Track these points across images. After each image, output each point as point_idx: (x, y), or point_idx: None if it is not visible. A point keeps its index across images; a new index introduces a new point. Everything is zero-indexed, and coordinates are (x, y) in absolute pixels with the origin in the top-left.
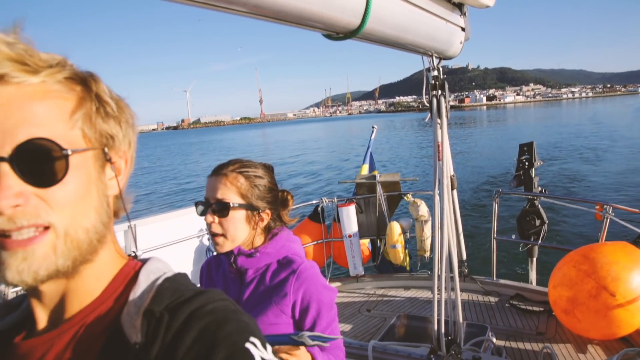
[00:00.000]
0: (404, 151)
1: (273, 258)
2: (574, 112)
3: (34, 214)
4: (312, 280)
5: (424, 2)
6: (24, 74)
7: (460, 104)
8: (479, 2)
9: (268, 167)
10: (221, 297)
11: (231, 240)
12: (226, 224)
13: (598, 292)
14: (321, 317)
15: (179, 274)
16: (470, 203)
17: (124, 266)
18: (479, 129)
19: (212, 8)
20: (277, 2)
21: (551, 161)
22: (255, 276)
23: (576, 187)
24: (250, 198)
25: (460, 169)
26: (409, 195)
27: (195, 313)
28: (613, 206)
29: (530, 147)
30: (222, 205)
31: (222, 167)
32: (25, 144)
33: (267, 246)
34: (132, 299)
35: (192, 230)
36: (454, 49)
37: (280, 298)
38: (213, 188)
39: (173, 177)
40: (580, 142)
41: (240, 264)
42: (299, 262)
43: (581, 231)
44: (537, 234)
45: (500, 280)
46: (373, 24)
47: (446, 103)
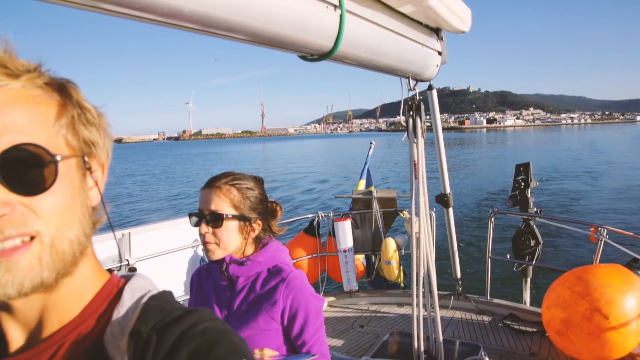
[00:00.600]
0: (402, 168)
1: (263, 267)
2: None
3: (22, 223)
4: (301, 288)
5: (399, 27)
6: (5, 77)
7: (460, 126)
8: (454, 27)
9: (258, 179)
10: (211, 316)
11: (223, 248)
12: (219, 233)
13: (592, 314)
14: (308, 324)
15: (165, 291)
16: (466, 222)
17: (107, 282)
18: (478, 149)
19: (187, 30)
20: (251, 26)
21: (548, 181)
22: (246, 284)
23: (572, 208)
24: (242, 209)
25: (458, 187)
26: (405, 211)
27: (185, 334)
28: (608, 229)
29: (527, 167)
30: (215, 217)
31: (215, 179)
32: (11, 150)
33: (258, 255)
34: (115, 318)
35: (187, 240)
36: (430, 71)
37: (271, 305)
38: (207, 200)
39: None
40: (577, 165)
41: (232, 272)
42: (289, 270)
43: (575, 253)
44: (531, 254)
45: (494, 300)
46: (346, 47)
47: (422, 123)
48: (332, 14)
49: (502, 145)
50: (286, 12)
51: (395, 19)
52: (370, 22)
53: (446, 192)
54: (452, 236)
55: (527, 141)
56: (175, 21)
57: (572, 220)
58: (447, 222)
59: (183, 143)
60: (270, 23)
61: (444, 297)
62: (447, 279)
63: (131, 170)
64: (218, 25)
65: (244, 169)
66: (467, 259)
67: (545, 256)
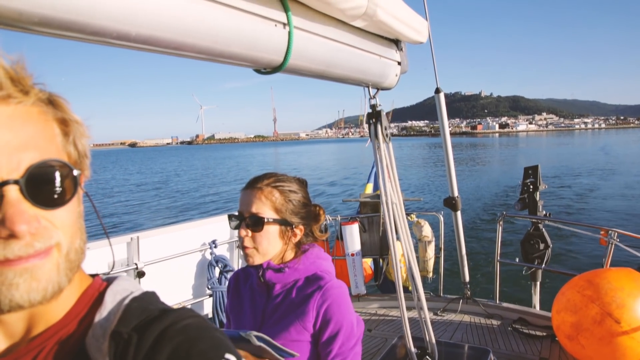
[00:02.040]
0: (411, 172)
1: (302, 274)
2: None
3: (47, 236)
4: (337, 299)
5: (353, 40)
6: (20, 94)
7: (472, 131)
8: (411, 39)
9: (302, 181)
10: (192, 313)
11: (262, 254)
12: (259, 238)
13: (602, 318)
14: (339, 337)
15: (147, 292)
16: (475, 224)
17: (88, 287)
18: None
19: (138, 49)
20: (198, 45)
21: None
22: (282, 291)
23: (582, 210)
24: (284, 213)
25: (467, 190)
26: (412, 215)
27: (165, 332)
28: (618, 232)
29: (535, 170)
30: (256, 220)
31: (256, 180)
32: (37, 166)
33: (298, 262)
34: (97, 320)
35: (195, 244)
36: (390, 81)
37: (304, 314)
38: (247, 202)
39: None
40: (588, 167)
41: (269, 278)
42: (327, 279)
43: (585, 256)
44: (541, 257)
45: (504, 304)
46: (296, 61)
47: (382, 130)
48: (281, 31)
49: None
50: (234, 31)
51: (349, 32)
52: (321, 36)
53: (454, 195)
54: (461, 240)
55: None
56: (126, 43)
57: (581, 224)
58: (455, 226)
59: (198, 147)
60: (218, 42)
61: (452, 300)
62: (455, 283)
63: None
64: (166, 45)
65: None
66: (476, 262)
67: (554, 259)
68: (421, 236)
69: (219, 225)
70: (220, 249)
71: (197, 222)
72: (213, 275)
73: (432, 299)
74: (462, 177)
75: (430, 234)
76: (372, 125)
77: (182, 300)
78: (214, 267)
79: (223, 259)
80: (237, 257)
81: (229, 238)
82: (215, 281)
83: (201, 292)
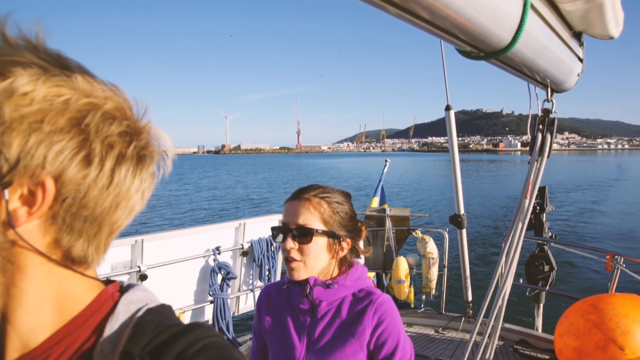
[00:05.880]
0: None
1: (349, 290)
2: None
3: None
4: (392, 315)
5: (558, 27)
6: None
7: (495, 148)
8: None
9: (346, 194)
10: (210, 333)
11: (309, 268)
12: (307, 250)
13: (606, 344)
14: (396, 355)
15: (164, 305)
16: (480, 242)
17: (100, 293)
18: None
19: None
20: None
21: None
22: (330, 309)
23: (588, 233)
24: (332, 225)
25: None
26: (417, 231)
27: (183, 355)
28: (625, 257)
29: (542, 191)
30: (304, 231)
31: (303, 191)
32: None
33: (346, 277)
34: (107, 333)
35: (199, 249)
36: (571, 80)
37: (359, 332)
38: (294, 213)
39: None
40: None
41: (316, 296)
42: (378, 294)
43: (590, 280)
44: (545, 279)
45: (506, 324)
46: (521, 44)
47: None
48: (517, 2)
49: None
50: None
51: (555, 16)
52: (540, 16)
53: (460, 212)
54: (465, 258)
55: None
56: None
57: (587, 247)
58: (460, 243)
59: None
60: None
61: (454, 319)
62: (458, 302)
63: None
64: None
65: None
66: (479, 281)
67: (558, 281)
68: (425, 252)
69: (223, 232)
70: (224, 255)
71: (202, 227)
72: (215, 282)
73: (434, 317)
74: (471, 193)
75: (435, 251)
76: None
77: (183, 305)
78: (217, 273)
79: (226, 266)
80: (240, 264)
81: (233, 245)
82: (217, 288)
83: (202, 298)
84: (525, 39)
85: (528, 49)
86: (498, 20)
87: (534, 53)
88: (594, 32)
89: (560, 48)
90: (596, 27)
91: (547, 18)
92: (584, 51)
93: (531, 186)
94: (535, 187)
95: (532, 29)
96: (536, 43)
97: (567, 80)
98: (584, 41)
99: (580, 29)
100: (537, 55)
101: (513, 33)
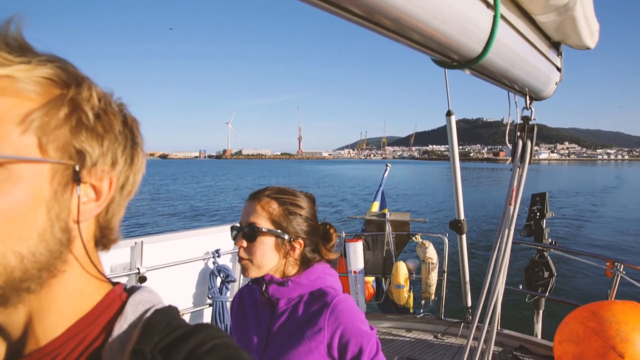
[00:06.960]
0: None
1: (306, 289)
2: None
3: None
4: (349, 315)
5: (532, 37)
6: None
7: (495, 157)
8: (583, 42)
9: (309, 196)
10: (219, 333)
11: (257, 266)
12: (253, 249)
13: (606, 352)
14: (363, 355)
15: (171, 306)
16: (480, 248)
17: (108, 293)
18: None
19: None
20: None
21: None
22: (288, 307)
23: (587, 239)
24: (281, 225)
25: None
26: (417, 235)
27: (193, 354)
28: (625, 264)
29: (543, 197)
30: (251, 230)
31: (258, 191)
32: None
33: (301, 276)
34: (116, 333)
35: (199, 252)
36: (549, 89)
37: (313, 333)
38: (246, 212)
39: None
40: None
41: (272, 293)
42: (334, 294)
43: (590, 287)
44: (544, 285)
45: (505, 330)
46: (492, 54)
47: (531, 148)
48: (485, 13)
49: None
50: (449, 7)
51: (529, 27)
52: (512, 27)
53: (460, 218)
54: (465, 263)
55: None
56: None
57: (587, 254)
58: (459, 249)
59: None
60: (436, 17)
61: (453, 324)
62: (457, 307)
63: None
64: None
65: None
66: (479, 286)
67: (558, 288)
68: (425, 257)
69: (223, 235)
70: (224, 258)
71: (202, 230)
72: (214, 284)
73: (433, 322)
74: (471, 199)
75: (435, 256)
76: (520, 139)
77: (181, 308)
78: (216, 276)
79: (225, 269)
80: (239, 268)
81: (232, 248)
82: (216, 291)
83: (201, 301)
84: (497, 49)
85: (501, 59)
86: (467, 32)
87: (508, 63)
88: (571, 42)
89: (536, 58)
90: (572, 38)
91: (520, 29)
92: (562, 61)
93: (515, 192)
94: (519, 193)
95: (505, 39)
96: (509, 53)
97: (544, 88)
98: (562, 51)
99: (558, 40)
100: (511, 65)
101: (483, 44)
